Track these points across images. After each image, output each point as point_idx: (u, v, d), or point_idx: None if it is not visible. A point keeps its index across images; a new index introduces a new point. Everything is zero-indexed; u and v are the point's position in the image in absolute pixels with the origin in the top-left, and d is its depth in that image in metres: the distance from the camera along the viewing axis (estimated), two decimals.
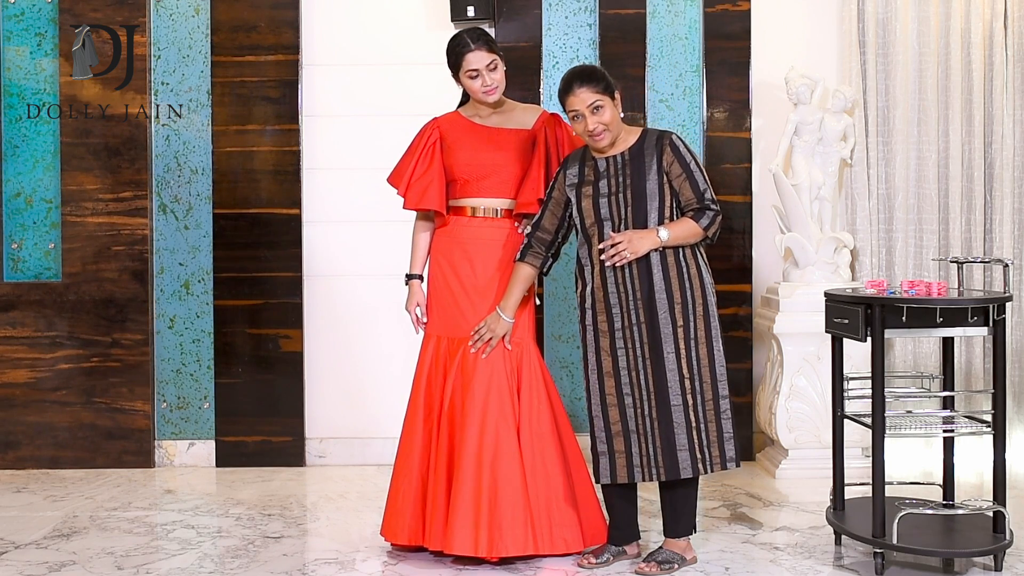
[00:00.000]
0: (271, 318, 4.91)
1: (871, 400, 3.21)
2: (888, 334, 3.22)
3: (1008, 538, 3.21)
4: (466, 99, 3.59)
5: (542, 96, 4.87)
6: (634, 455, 3.25)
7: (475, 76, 3.42)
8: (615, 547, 3.39)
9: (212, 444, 4.94)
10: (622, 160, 3.30)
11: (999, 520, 3.24)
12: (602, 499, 3.45)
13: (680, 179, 3.27)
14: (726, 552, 3.50)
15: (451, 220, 3.52)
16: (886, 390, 3.23)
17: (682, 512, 3.32)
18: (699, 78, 4.93)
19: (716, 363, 3.26)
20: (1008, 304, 3.30)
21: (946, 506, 3.43)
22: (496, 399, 3.36)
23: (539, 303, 3.63)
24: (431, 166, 3.50)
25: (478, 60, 3.40)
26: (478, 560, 3.33)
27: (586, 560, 3.35)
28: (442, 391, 3.44)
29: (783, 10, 5.00)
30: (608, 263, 3.23)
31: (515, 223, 3.51)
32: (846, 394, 3.50)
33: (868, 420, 3.26)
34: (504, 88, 3.49)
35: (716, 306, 3.29)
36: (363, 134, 4.96)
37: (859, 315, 3.20)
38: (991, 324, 3.19)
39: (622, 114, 3.34)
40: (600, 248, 3.26)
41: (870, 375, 3.21)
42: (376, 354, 4.94)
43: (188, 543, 3.67)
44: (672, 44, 4.95)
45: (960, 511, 3.29)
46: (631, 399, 3.25)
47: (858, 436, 4.25)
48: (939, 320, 3.17)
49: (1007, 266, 3.37)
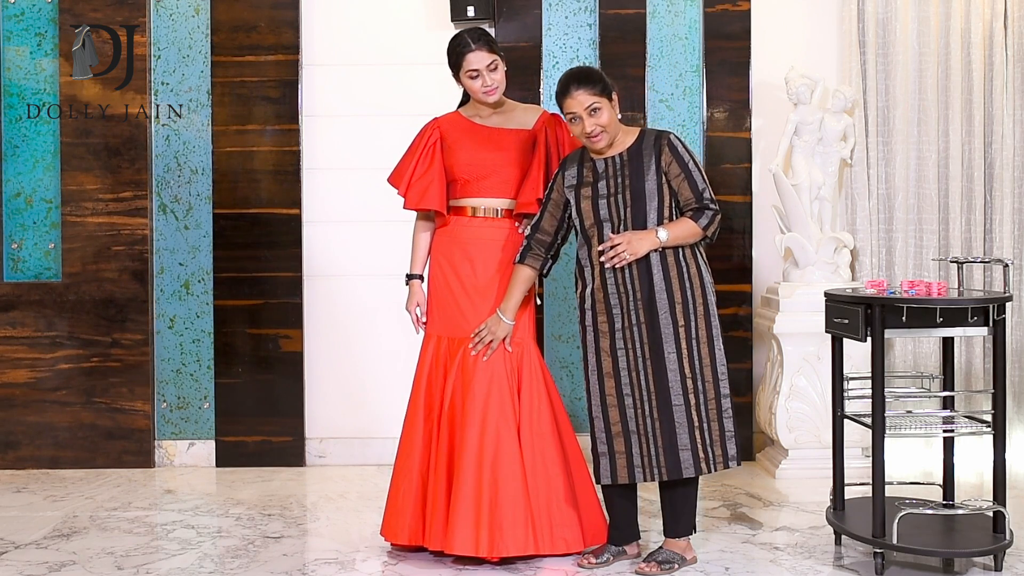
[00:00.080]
0: (271, 318, 4.91)
1: (871, 400, 3.21)
2: (888, 334, 3.22)
3: (1008, 538, 3.21)
4: (466, 99, 3.59)
5: (542, 96, 4.87)
6: (635, 455, 3.24)
7: (475, 76, 3.42)
8: (615, 547, 3.39)
9: (212, 444, 4.94)
10: (620, 161, 3.29)
11: (999, 520, 3.24)
12: (602, 499, 3.45)
13: (679, 179, 3.27)
14: (726, 552, 3.50)
15: (451, 220, 3.52)
16: (886, 390, 3.23)
17: (682, 512, 3.32)
18: (699, 78, 4.93)
19: (717, 362, 3.26)
20: (1008, 304, 3.30)
21: (946, 506, 3.42)
22: (497, 399, 3.36)
23: (539, 303, 3.64)
24: (431, 166, 3.50)
25: (479, 60, 3.40)
26: (478, 560, 3.33)
27: (586, 560, 3.35)
28: (442, 391, 3.44)
29: (783, 10, 5.00)
30: (608, 265, 3.23)
31: (515, 223, 3.51)
32: (846, 394, 3.50)
33: (868, 420, 3.26)
34: (504, 88, 3.49)
35: (716, 305, 3.30)
36: (363, 134, 4.96)
37: (859, 315, 3.20)
38: (991, 324, 3.19)
39: (620, 115, 3.34)
40: (599, 250, 3.26)
41: (870, 375, 3.21)
42: (376, 354, 4.94)
43: (188, 543, 3.67)
44: (672, 44, 4.95)
45: (960, 511, 3.29)
46: (631, 399, 3.25)
47: (858, 436, 4.25)
48: (939, 320, 3.17)
49: (1007, 266, 3.36)
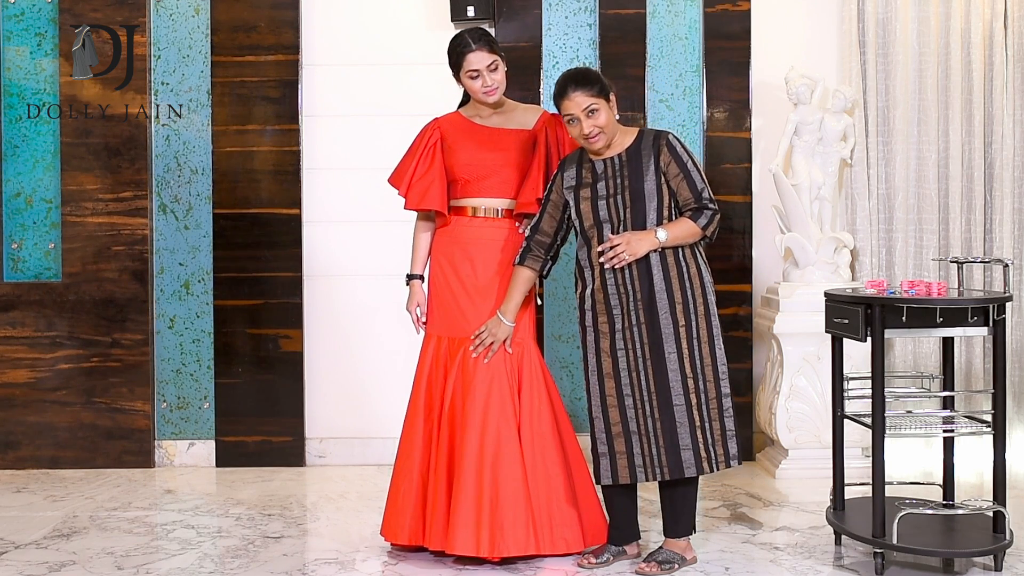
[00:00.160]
0: (271, 318, 4.91)
1: (871, 400, 3.21)
2: (888, 334, 3.22)
3: (1008, 538, 3.21)
4: (467, 99, 3.59)
5: (542, 96, 4.87)
6: (636, 455, 3.24)
7: (476, 76, 3.42)
8: (615, 547, 3.39)
9: (212, 444, 4.93)
10: (619, 161, 3.29)
11: (999, 520, 3.24)
12: (602, 499, 3.45)
13: (678, 179, 3.26)
14: (726, 552, 3.50)
15: (452, 220, 3.52)
16: (886, 390, 3.23)
17: (682, 512, 3.32)
18: (699, 78, 4.93)
19: (718, 362, 3.26)
20: (1008, 304, 3.30)
21: (946, 506, 3.42)
22: (497, 399, 3.36)
23: (540, 303, 3.64)
24: (432, 166, 3.50)
25: (479, 60, 3.40)
26: (479, 560, 3.33)
27: (586, 560, 3.35)
28: (443, 391, 3.44)
29: (783, 10, 5.00)
30: (607, 265, 3.23)
31: (515, 223, 3.51)
32: (846, 394, 3.50)
33: (868, 420, 3.26)
34: (505, 89, 3.49)
35: (716, 305, 3.30)
36: (363, 134, 4.96)
37: (859, 315, 3.20)
38: (991, 324, 3.19)
39: (618, 116, 3.33)
40: (599, 251, 3.26)
41: (870, 375, 3.21)
42: (376, 354, 4.94)
43: (188, 543, 3.67)
44: (672, 44, 4.95)
45: (960, 511, 3.29)
46: (631, 400, 3.25)
47: (858, 436, 4.25)
48: (939, 320, 3.17)
49: (1007, 266, 3.36)
